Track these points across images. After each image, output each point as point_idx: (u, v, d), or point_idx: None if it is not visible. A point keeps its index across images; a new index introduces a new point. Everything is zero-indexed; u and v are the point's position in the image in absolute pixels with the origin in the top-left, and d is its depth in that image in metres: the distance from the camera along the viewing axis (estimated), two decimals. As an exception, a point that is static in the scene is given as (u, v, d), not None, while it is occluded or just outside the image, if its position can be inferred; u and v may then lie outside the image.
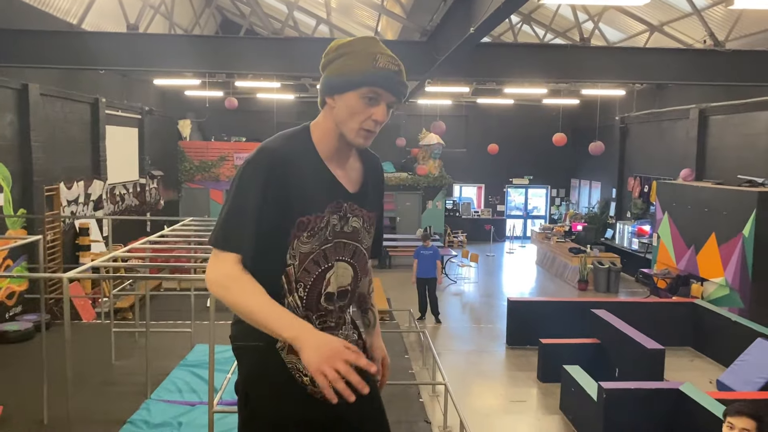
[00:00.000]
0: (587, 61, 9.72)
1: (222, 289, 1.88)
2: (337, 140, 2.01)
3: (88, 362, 8.09)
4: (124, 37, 9.42)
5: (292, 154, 1.94)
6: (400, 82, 1.96)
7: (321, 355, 1.70)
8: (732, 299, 10.31)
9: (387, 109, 1.97)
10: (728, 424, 3.39)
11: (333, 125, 1.99)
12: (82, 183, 12.32)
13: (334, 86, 1.96)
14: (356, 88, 1.92)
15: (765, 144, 11.25)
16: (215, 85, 16.55)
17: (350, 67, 1.92)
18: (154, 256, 7.19)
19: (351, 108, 1.94)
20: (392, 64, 1.94)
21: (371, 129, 1.97)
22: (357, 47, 1.95)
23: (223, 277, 1.88)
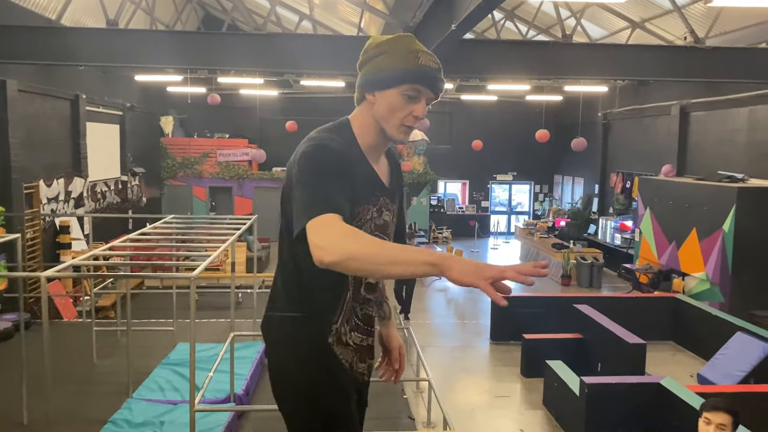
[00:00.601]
0: (570, 58, 9.77)
1: (351, 242, 1.68)
2: (377, 135, 2.06)
3: (69, 361, 8.01)
4: (104, 32, 9.32)
5: (342, 147, 1.97)
6: (440, 80, 2.02)
7: (476, 266, 1.64)
8: (713, 293, 10.42)
9: (426, 104, 2.02)
10: (705, 419, 3.42)
11: (373, 121, 2.04)
12: (62, 180, 12.18)
13: (375, 83, 2.00)
14: (398, 85, 1.96)
15: (744, 140, 11.37)
16: (197, 81, 16.42)
17: (392, 65, 1.96)
18: (135, 254, 7.12)
19: (392, 104, 1.98)
20: (433, 62, 1.99)
21: (412, 125, 2.03)
22: (398, 45, 1.99)
23: (344, 233, 1.71)
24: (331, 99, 19.65)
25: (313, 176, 1.85)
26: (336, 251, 1.67)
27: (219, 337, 9.01)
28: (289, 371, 2.11)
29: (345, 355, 2.11)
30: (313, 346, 2.07)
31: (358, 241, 1.69)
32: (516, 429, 6.85)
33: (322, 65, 9.71)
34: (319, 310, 2.07)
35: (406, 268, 1.67)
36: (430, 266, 1.65)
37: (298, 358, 2.08)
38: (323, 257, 1.68)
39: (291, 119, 17.74)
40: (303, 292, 2.07)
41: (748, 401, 5.91)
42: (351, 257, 1.66)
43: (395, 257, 1.67)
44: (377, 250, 1.68)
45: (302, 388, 2.10)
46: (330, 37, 12.72)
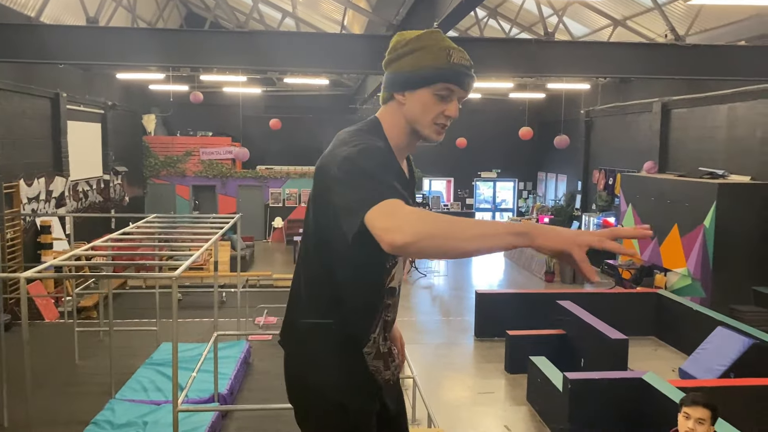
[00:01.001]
0: (552, 56, 9.80)
1: (424, 220, 1.54)
2: (407, 136, 1.99)
3: (50, 363, 7.94)
4: (84, 30, 9.21)
5: (382, 146, 1.91)
6: (472, 77, 1.95)
7: (570, 231, 1.54)
8: (694, 289, 10.54)
9: (458, 103, 1.96)
10: (684, 413, 3.47)
11: (403, 121, 1.96)
12: (43, 180, 12.05)
13: (405, 83, 1.92)
14: (430, 85, 1.89)
15: (725, 137, 11.50)
16: (180, 79, 16.32)
17: (423, 63, 1.89)
18: (117, 254, 7.06)
19: (424, 105, 1.92)
20: (465, 59, 1.93)
21: (445, 124, 1.96)
22: (428, 42, 1.91)
23: (413, 211, 1.58)
24: (314, 96, 19.63)
25: (365, 173, 1.71)
26: (409, 230, 1.52)
27: (203, 336, 8.97)
28: (321, 385, 2.02)
29: (378, 365, 2.07)
30: (349, 360, 2.01)
31: (431, 219, 1.55)
32: (500, 425, 6.88)
33: (306, 63, 9.67)
34: (355, 321, 2.01)
35: (488, 241, 1.54)
36: (515, 236, 1.53)
37: (331, 372, 2.00)
38: (395, 239, 1.52)
39: (275, 117, 17.68)
40: (338, 305, 1.98)
41: (729, 395, 5.99)
42: (427, 235, 1.52)
43: (476, 231, 1.53)
44: (454, 225, 1.54)
45: (332, 402, 2.01)
46: (313, 34, 12.67)
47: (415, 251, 1.55)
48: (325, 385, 2.01)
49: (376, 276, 2.01)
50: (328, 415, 2.02)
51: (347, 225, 1.68)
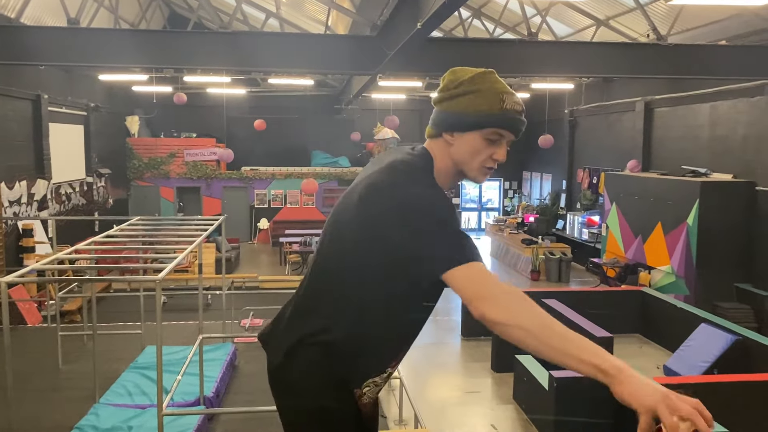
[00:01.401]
0: (536, 56, 9.86)
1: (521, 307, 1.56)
2: (452, 176, 1.98)
3: (33, 367, 7.86)
4: (65, 31, 9.12)
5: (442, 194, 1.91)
6: (523, 122, 1.95)
7: (652, 394, 1.44)
8: (678, 286, 10.63)
9: (506, 147, 1.96)
10: (670, 409, 3.48)
11: (450, 161, 1.95)
12: (24, 183, 11.92)
13: (456, 124, 1.91)
14: (481, 129, 1.89)
15: (707, 135, 11.61)
16: (163, 81, 16.21)
17: (476, 108, 1.88)
18: (101, 257, 7.00)
19: (473, 147, 1.91)
20: (517, 104, 1.92)
21: (492, 167, 1.97)
22: (481, 86, 1.90)
23: (508, 292, 1.59)
24: (299, 97, 19.57)
25: (445, 224, 1.74)
26: (506, 311, 1.55)
27: (188, 339, 8.91)
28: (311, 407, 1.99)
29: (368, 391, 2.05)
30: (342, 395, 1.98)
31: (528, 309, 1.55)
32: (487, 424, 6.90)
33: (290, 63, 9.64)
34: (367, 361, 1.98)
35: (571, 362, 1.51)
36: (599, 372, 1.49)
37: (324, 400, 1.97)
38: (489, 312, 1.55)
39: (259, 118, 17.61)
40: (359, 338, 1.93)
41: (713, 391, 6.03)
42: (521, 326, 1.53)
43: (565, 346, 1.51)
44: (548, 330, 1.53)
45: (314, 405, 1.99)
46: (297, 35, 12.64)
47: (501, 331, 1.58)
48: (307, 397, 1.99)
49: (413, 325, 2.04)
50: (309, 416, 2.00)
51: (421, 272, 1.73)
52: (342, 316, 1.93)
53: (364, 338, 1.94)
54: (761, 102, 10.21)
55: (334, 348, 1.93)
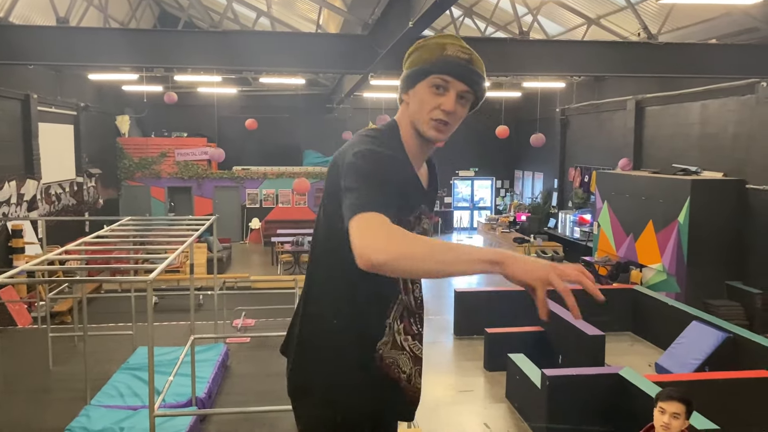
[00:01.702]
0: (527, 54, 9.87)
1: (400, 240, 1.56)
2: (415, 139, 1.96)
3: (24, 369, 7.81)
4: (54, 30, 9.06)
5: (395, 153, 1.88)
6: (471, 70, 1.88)
7: (542, 267, 1.56)
8: (669, 284, 10.67)
9: (458, 98, 1.89)
10: (660, 408, 3.50)
11: (409, 122, 1.95)
12: (14, 183, 11.83)
13: (407, 81, 1.94)
14: (424, 78, 1.88)
15: (697, 133, 11.66)
16: (154, 80, 16.13)
17: (420, 59, 1.90)
18: (91, 257, 6.96)
19: (421, 99, 1.90)
20: (461, 52, 1.88)
21: (441, 119, 1.89)
22: (430, 41, 1.92)
23: (392, 231, 1.58)
24: (291, 96, 19.52)
25: (367, 176, 1.73)
26: (384, 249, 1.54)
27: (179, 340, 8.86)
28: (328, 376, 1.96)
29: (396, 358, 1.98)
30: (361, 357, 1.95)
31: (407, 240, 1.57)
32: (480, 423, 6.90)
33: (281, 62, 9.61)
34: (368, 312, 1.95)
35: (461, 267, 1.56)
36: (488, 264, 1.56)
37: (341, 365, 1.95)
38: (370, 256, 1.53)
39: (250, 117, 17.55)
40: (352, 295, 1.93)
41: (703, 389, 6.06)
42: (402, 256, 1.54)
43: (451, 256, 1.56)
44: (429, 248, 1.55)
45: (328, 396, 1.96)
46: (288, 34, 12.60)
47: (390, 270, 1.56)
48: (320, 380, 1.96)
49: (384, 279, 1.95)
50: (316, 411, 1.98)
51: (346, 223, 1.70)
52: (327, 289, 1.96)
53: (350, 302, 1.94)
54: (751, 100, 10.27)
55: (332, 324, 1.94)
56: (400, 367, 2.01)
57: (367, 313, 1.95)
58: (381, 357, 1.97)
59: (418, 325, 2.07)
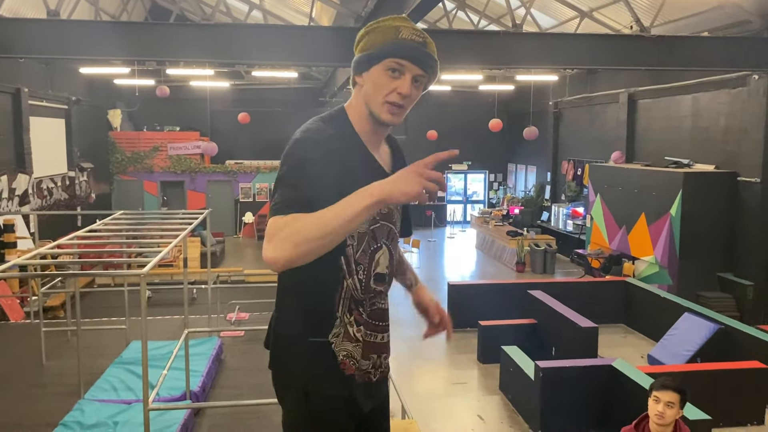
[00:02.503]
0: (520, 47, 9.85)
1: (288, 233, 1.64)
2: (369, 121, 1.97)
3: (16, 364, 7.78)
4: (45, 23, 8.98)
5: (337, 136, 1.90)
6: (425, 53, 1.91)
7: (403, 177, 1.67)
8: (661, 276, 10.72)
9: (413, 82, 1.91)
10: (654, 397, 3.53)
11: (363, 104, 1.96)
12: (5, 177, 11.77)
13: (360, 64, 1.95)
14: (379, 61, 1.90)
15: (689, 126, 11.70)
16: (146, 73, 16.04)
17: (374, 42, 1.91)
18: (84, 252, 6.92)
19: (376, 83, 1.92)
20: (416, 35, 1.91)
21: (396, 102, 1.92)
22: (382, 23, 1.94)
23: (283, 226, 1.66)
24: (284, 90, 19.46)
25: (290, 172, 1.80)
26: (280, 249, 1.63)
27: (173, 334, 8.86)
28: (289, 368, 2.04)
29: (348, 349, 2.01)
30: (314, 344, 1.98)
31: (296, 228, 1.63)
32: (473, 414, 6.93)
33: (274, 56, 9.56)
34: (318, 304, 1.98)
35: (351, 223, 1.64)
36: (369, 209, 1.65)
37: (297, 359, 2.01)
38: (271, 261, 1.64)
39: (243, 111, 17.49)
40: (301, 287, 1.98)
41: (696, 379, 6.11)
42: (296, 245, 1.62)
43: (338, 221, 1.63)
44: (317, 224, 1.63)
45: (297, 386, 2.01)
46: (281, 27, 12.55)
47: (298, 261, 1.66)
48: (291, 373, 2.02)
49: (334, 250, 1.88)
50: (295, 401, 2.02)
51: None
52: (285, 285, 2.03)
53: (298, 296, 1.99)
54: (743, 93, 10.30)
55: (291, 319, 2.01)
56: (357, 360, 2.03)
57: (314, 306, 1.98)
58: (334, 351, 1.99)
59: (367, 312, 2.06)
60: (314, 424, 2.02)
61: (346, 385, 2.02)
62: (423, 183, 1.64)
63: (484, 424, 6.71)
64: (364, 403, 2.07)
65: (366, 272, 2.02)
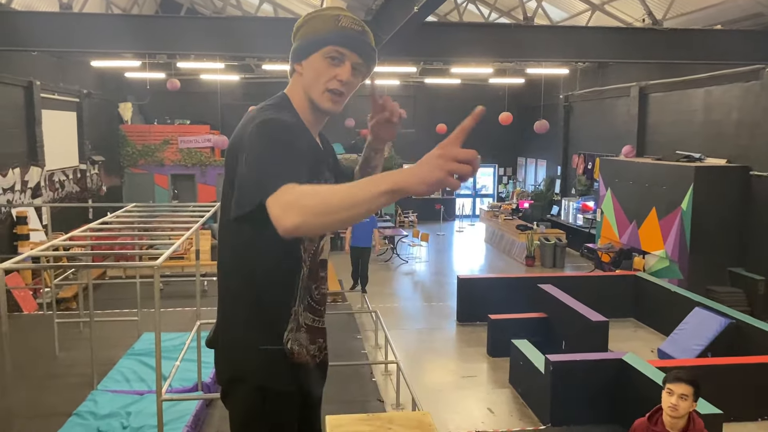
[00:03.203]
0: (531, 40, 9.82)
1: (308, 200, 1.56)
2: (310, 109, 1.99)
3: (30, 355, 7.85)
4: (57, 16, 9.04)
5: (296, 124, 1.92)
6: (364, 42, 1.95)
7: (425, 162, 1.49)
8: (672, 271, 10.69)
9: (353, 69, 1.94)
10: (668, 390, 3.53)
11: (303, 93, 1.98)
12: (18, 170, 11.85)
13: (300, 51, 1.96)
14: (319, 49, 1.92)
15: (701, 120, 11.63)
16: (156, 67, 16.09)
17: (313, 30, 1.93)
18: (96, 243, 6.97)
19: (316, 70, 1.93)
20: (355, 24, 1.94)
21: (336, 89, 1.94)
22: (321, 12, 1.96)
23: (300, 194, 1.58)
24: (293, 83, 19.44)
25: (269, 150, 1.72)
26: (294, 213, 1.54)
27: (185, 326, 8.92)
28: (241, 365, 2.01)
29: (300, 339, 2.02)
30: (270, 340, 1.97)
31: (310, 198, 1.56)
32: (483, 408, 6.95)
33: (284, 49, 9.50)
34: (273, 298, 1.97)
35: (367, 206, 1.53)
36: (390, 194, 1.50)
37: (251, 355, 1.98)
38: (285, 223, 1.55)
39: (253, 104, 17.39)
40: (254, 282, 1.96)
41: (706, 374, 6.09)
42: (311, 213, 1.54)
43: (354, 200, 1.52)
44: (333, 198, 1.54)
45: (251, 383, 2.00)
46: (291, 20, 12.54)
47: (308, 231, 1.59)
48: (246, 369, 2.00)
49: (291, 247, 1.94)
50: (249, 398, 2.01)
51: (241, 203, 1.70)
52: (232, 282, 2.00)
53: (254, 288, 1.96)
54: (756, 87, 10.23)
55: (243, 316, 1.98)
56: (306, 348, 2.05)
57: (271, 300, 1.98)
58: (288, 342, 1.99)
59: (314, 299, 2.08)
60: (270, 419, 2.02)
61: (298, 376, 2.04)
62: (448, 167, 1.46)
63: (494, 417, 6.73)
64: (315, 389, 2.13)
65: (312, 259, 2.04)
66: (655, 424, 3.61)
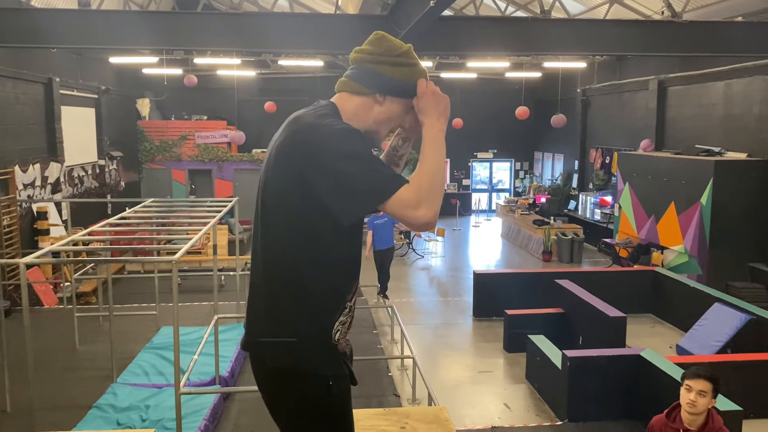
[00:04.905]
0: (548, 34, 9.75)
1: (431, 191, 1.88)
2: (356, 126, 2.02)
3: (51, 348, 7.96)
4: (76, 13, 9.12)
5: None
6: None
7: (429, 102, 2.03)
8: (691, 266, 10.58)
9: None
10: (686, 386, 3.50)
11: (370, 120, 2.06)
12: (38, 165, 12.00)
13: (396, 89, 2.04)
14: (409, 97, 2.05)
15: (721, 114, 11.48)
16: (173, 63, 16.19)
17: (414, 78, 2.04)
18: (114, 238, 7.05)
19: (395, 113, 2.07)
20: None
21: (397, 134, 2.22)
22: (416, 61, 2.07)
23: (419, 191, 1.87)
24: (309, 79, 19.48)
25: (367, 157, 1.86)
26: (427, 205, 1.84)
27: (202, 320, 9.00)
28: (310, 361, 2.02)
29: (343, 330, 2.12)
30: (328, 331, 2.04)
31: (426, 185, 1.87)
32: (500, 403, 6.94)
33: (300, 44, 9.60)
34: (341, 288, 2.06)
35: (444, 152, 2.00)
36: (443, 131, 2.02)
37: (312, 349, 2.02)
38: (425, 218, 1.83)
39: (270, 100, 17.57)
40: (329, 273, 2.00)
41: (726, 370, 6.03)
42: (435, 198, 1.86)
43: (441, 168, 1.95)
44: (434, 181, 1.90)
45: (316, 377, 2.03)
46: (307, 15, 12.57)
47: (437, 214, 1.87)
48: (311, 360, 2.02)
49: (356, 249, 2.10)
50: (314, 387, 2.03)
51: (355, 210, 1.88)
52: (294, 281, 2.00)
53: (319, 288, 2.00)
54: (777, 79, 10.07)
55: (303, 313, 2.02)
56: (347, 339, 2.18)
57: (336, 294, 2.06)
58: (337, 333, 2.07)
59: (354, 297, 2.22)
60: (339, 405, 2.10)
61: (349, 364, 2.16)
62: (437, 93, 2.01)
63: (510, 412, 6.72)
64: (353, 376, 2.20)
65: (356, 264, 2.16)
66: (674, 421, 3.58)
